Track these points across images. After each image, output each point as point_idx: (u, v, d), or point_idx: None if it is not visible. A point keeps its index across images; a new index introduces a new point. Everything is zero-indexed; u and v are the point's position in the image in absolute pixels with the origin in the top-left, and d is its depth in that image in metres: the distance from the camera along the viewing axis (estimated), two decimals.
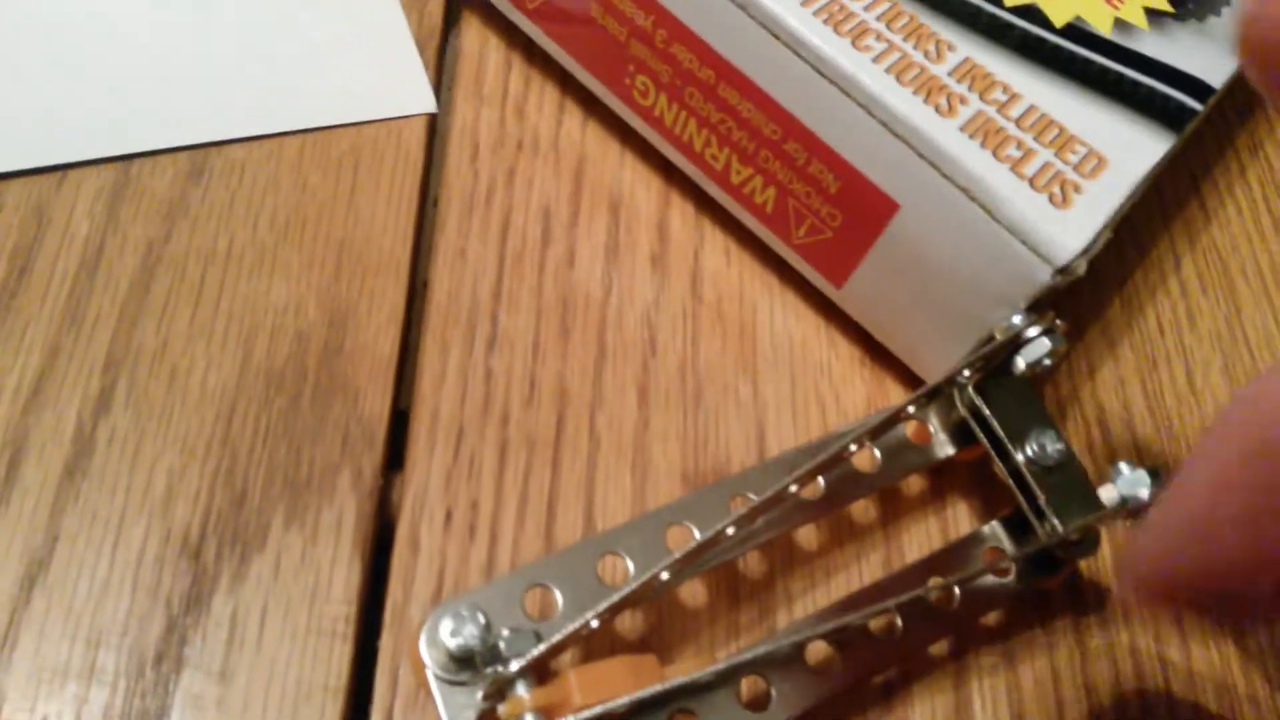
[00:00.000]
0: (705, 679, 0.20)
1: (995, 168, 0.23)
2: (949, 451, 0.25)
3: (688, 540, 0.22)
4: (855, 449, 0.23)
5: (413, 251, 0.27)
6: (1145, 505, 0.23)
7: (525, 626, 0.20)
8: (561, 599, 0.21)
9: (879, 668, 0.23)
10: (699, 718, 0.20)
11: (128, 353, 0.25)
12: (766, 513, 0.22)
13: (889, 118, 0.23)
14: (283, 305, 0.26)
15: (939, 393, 0.24)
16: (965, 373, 0.24)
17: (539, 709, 0.19)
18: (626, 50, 0.27)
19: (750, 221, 0.27)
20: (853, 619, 0.22)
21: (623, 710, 0.20)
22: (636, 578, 0.21)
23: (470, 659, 0.20)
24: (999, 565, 0.23)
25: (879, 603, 0.22)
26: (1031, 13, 0.25)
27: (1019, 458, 0.23)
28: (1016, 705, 0.23)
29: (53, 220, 0.26)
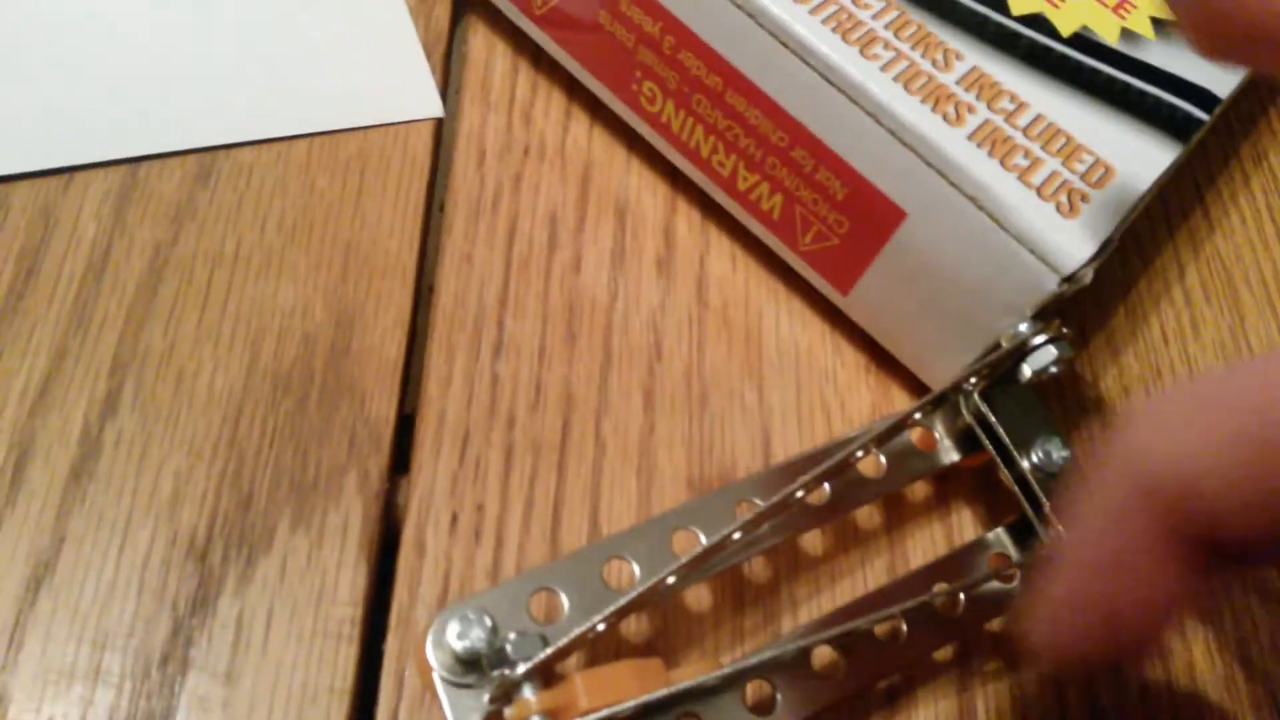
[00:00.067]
0: (711, 683, 0.20)
1: (1003, 176, 0.23)
2: (954, 458, 0.25)
3: (693, 545, 0.22)
4: (861, 455, 0.23)
5: (419, 255, 0.27)
6: None
7: (531, 630, 0.20)
8: (567, 603, 0.21)
9: (884, 673, 0.23)
10: None
11: (134, 355, 0.25)
12: (772, 518, 0.22)
13: (897, 126, 0.23)
14: (290, 308, 0.26)
15: (945, 399, 0.24)
16: (971, 380, 0.24)
17: (545, 712, 0.19)
18: (634, 56, 0.27)
19: (756, 228, 0.28)
20: (858, 624, 0.22)
21: (629, 713, 0.20)
22: (642, 582, 0.21)
23: (476, 662, 0.20)
24: (1004, 571, 0.23)
25: (884, 608, 0.22)
26: (1039, 22, 0.26)
27: (1024, 464, 0.23)
28: (1021, 711, 0.23)
29: (60, 222, 0.26)
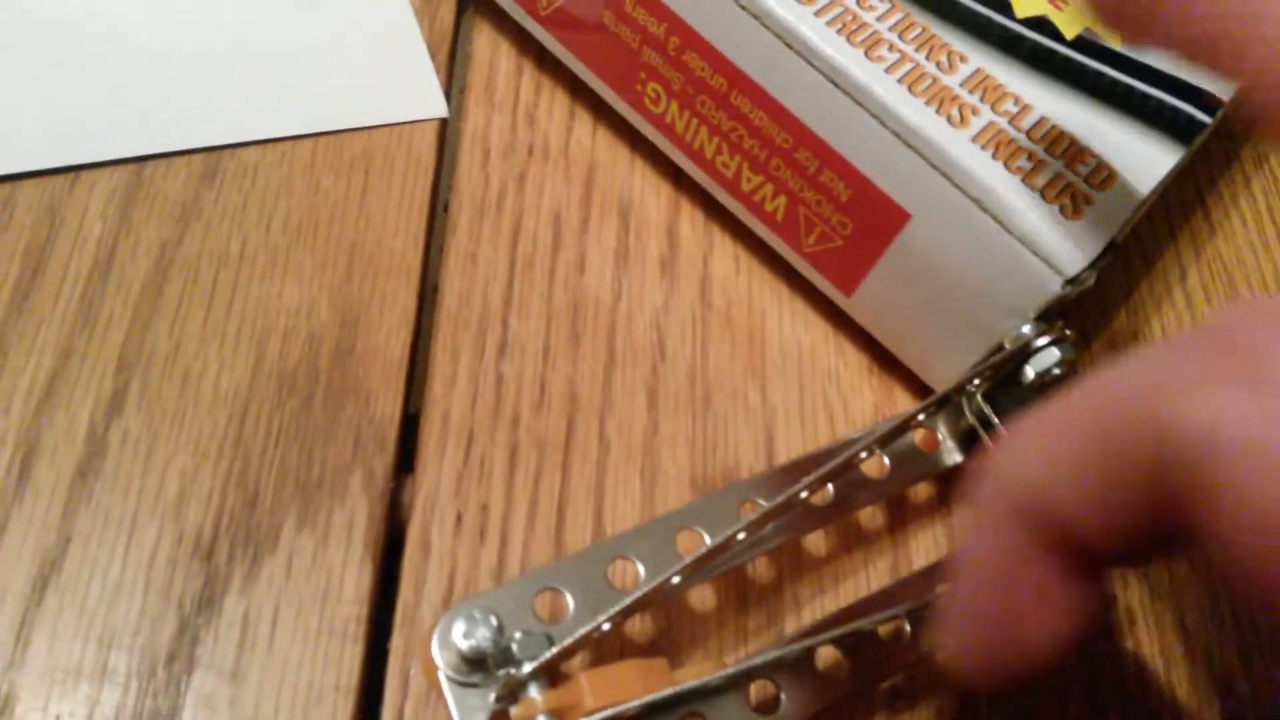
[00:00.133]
0: (715, 682, 0.20)
1: (1006, 179, 0.23)
2: (957, 459, 0.25)
3: (697, 545, 0.22)
4: (864, 456, 0.23)
5: (423, 255, 0.27)
6: None
7: (536, 629, 0.20)
8: (572, 602, 0.21)
9: (887, 673, 0.23)
10: None
11: (140, 354, 0.25)
12: (776, 518, 0.23)
13: (901, 128, 0.24)
14: (295, 307, 0.26)
15: (948, 401, 0.24)
16: (974, 381, 0.24)
17: (551, 711, 0.19)
18: (638, 57, 0.27)
19: (760, 229, 0.28)
20: (862, 624, 0.22)
21: (634, 713, 0.20)
22: (647, 582, 0.21)
23: (482, 661, 0.20)
24: None
25: (887, 609, 0.22)
26: (1043, 25, 0.26)
27: None
28: (1023, 711, 0.23)
29: (65, 221, 0.26)
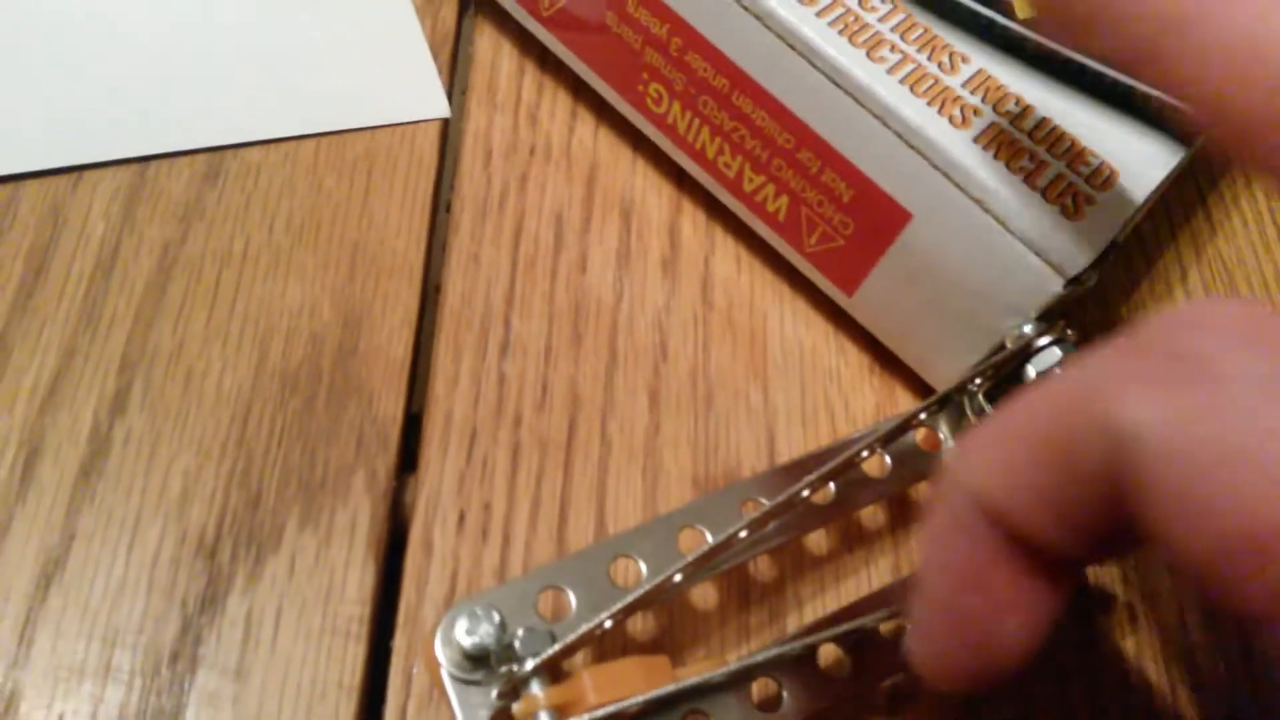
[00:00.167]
0: (718, 680, 0.21)
1: (1008, 179, 0.23)
2: None
3: (699, 544, 0.22)
4: (866, 455, 0.23)
5: (426, 255, 0.27)
6: None
7: (539, 627, 0.20)
8: (575, 600, 0.21)
9: (889, 671, 0.23)
10: (711, 718, 0.20)
11: (143, 354, 0.25)
12: (777, 517, 0.23)
13: (903, 128, 0.24)
14: (297, 307, 0.26)
15: (949, 400, 0.24)
16: (976, 381, 0.24)
17: (553, 707, 0.19)
18: (641, 58, 0.27)
19: (762, 229, 0.28)
20: (864, 622, 0.22)
21: (636, 709, 0.20)
22: (649, 580, 0.21)
23: (485, 658, 0.20)
24: None
25: (888, 607, 0.22)
26: None
27: None
28: (1023, 709, 0.24)
29: (69, 221, 0.26)
